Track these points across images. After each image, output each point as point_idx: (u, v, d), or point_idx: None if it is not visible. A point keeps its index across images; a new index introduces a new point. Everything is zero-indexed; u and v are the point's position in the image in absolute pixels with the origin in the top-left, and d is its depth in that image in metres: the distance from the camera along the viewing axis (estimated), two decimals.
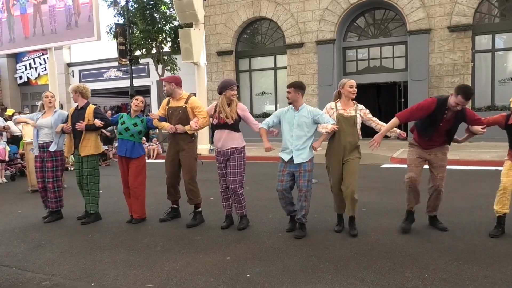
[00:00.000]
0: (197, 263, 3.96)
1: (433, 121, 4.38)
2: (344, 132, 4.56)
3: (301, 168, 4.57)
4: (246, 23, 16.65)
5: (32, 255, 4.34)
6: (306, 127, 4.56)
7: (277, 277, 3.55)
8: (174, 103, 5.23)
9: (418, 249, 4.08)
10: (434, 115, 4.35)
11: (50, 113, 5.76)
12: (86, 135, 5.43)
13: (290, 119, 4.63)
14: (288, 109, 4.74)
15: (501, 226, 4.45)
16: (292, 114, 4.64)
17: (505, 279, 3.36)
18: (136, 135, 5.32)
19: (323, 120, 4.54)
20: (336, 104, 4.70)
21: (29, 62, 23.27)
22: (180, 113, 5.13)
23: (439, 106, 4.33)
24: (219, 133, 4.93)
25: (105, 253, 4.32)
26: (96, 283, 3.57)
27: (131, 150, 5.29)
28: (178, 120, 5.12)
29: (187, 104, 5.15)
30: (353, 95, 4.64)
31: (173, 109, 5.20)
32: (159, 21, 16.33)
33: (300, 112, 4.61)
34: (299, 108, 4.64)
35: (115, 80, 21.25)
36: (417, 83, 13.49)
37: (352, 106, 4.66)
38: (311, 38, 15.35)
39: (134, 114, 5.40)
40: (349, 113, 4.61)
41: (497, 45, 13.33)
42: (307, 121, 4.56)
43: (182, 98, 5.22)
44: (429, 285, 3.30)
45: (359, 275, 3.53)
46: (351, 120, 4.58)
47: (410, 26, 13.79)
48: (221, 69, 17.02)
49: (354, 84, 4.66)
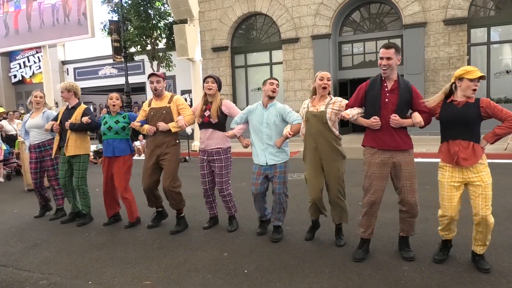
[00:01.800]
0: (195, 259, 3.95)
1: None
2: (314, 132, 4.04)
3: (276, 169, 4.31)
4: (241, 18, 16.60)
5: (29, 254, 4.32)
6: (276, 126, 4.28)
7: (275, 272, 3.55)
8: (157, 103, 4.87)
9: (415, 243, 4.09)
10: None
11: (38, 112, 5.66)
12: (71, 135, 5.23)
13: (259, 117, 4.35)
14: (257, 106, 4.45)
15: (448, 249, 3.77)
16: (261, 112, 4.37)
17: (502, 270, 3.38)
18: (120, 131, 5.07)
19: (290, 119, 4.23)
20: (309, 101, 4.20)
21: (23, 61, 23.16)
22: (163, 114, 4.77)
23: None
24: (203, 132, 4.72)
25: (102, 251, 4.31)
26: (93, 282, 3.56)
27: (118, 148, 5.05)
28: (161, 121, 4.75)
29: (171, 103, 4.82)
30: (324, 88, 4.05)
31: (155, 110, 4.83)
32: (154, 17, 16.28)
33: (269, 110, 4.34)
34: (268, 105, 4.36)
35: (110, 77, 21.20)
36: (413, 77, 13.49)
37: (324, 101, 4.07)
38: (307, 33, 15.32)
39: (114, 113, 5.16)
40: (318, 109, 4.05)
41: (493, 38, 13.35)
42: (276, 119, 4.28)
43: (166, 97, 4.90)
44: (426, 278, 3.32)
45: (356, 269, 3.54)
46: (319, 116, 4.01)
47: (405, 20, 13.78)
48: (217, 65, 16.98)
49: (326, 75, 4.06)
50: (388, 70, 3.61)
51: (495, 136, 3.44)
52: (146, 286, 3.42)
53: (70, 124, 5.19)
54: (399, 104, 3.60)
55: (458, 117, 3.41)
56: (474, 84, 3.40)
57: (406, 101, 3.63)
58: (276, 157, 4.31)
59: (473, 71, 3.40)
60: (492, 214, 3.39)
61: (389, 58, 3.59)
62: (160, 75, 4.88)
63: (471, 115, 3.40)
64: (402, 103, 3.61)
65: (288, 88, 15.76)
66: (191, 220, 5.17)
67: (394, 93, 3.63)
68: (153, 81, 4.80)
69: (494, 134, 3.44)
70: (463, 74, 3.42)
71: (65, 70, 22.62)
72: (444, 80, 13.31)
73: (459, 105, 3.45)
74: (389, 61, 3.58)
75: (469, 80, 3.39)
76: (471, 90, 3.41)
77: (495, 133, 3.44)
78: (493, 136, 3.45)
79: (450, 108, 3.49)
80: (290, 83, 15.70)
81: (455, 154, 3.42)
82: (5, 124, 10.74)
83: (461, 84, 3.44)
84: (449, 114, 3.47)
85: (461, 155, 3.39)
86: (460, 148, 3.42)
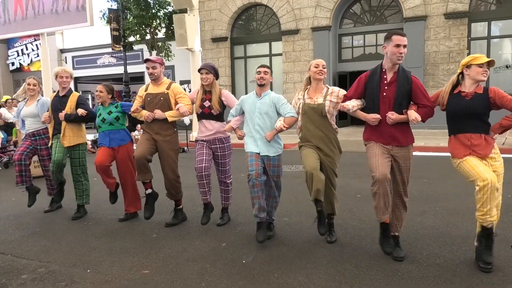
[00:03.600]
0: (193, 249, 3.97)
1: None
2: (313, 125, 3.86)
3: (269, 161, 4.13)
4: (241, 9, 16.49)
5: (27, 242, 4.33)
6: (269, 117, 4.08)
7: (273, 263, 3.57)
8: (154, 88, 4.72)
9: (412, 235, 4.11)
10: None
11: (33, 100, 5.52)
12: (68, 125, 5.12)
13: (252, 106, 4.15)
14: (250, 95, 4.26)
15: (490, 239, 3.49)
16: (254, 101, 4.17)
17: (498, 263, 3.40)
18: (114, 121, 4.97)
19: (284, 110, 4.04)
20: (305, 92, 4.01)
21: (21, 48, 23.01)
22: (161, 100, 4.62)
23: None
24: (202, 123, 4.58)
25: (101, 240, 4.32)
26: (92, 270, 3.58)
27: (114, 139, 4.96)
28: (158, 108, 4.61)
29: (169, 90, 4.67)
30: (320, 76, 3.84)
31: (152, 96, 4.67)
32: (153, 6, 16.18)
33: (263, 99, 4.13)
34: (262, 94, 4.16)
35: (109, 66, 21.09)
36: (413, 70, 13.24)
37: (321, 92, 3.91)
38: (307, 24, 15.25)
39: (106, 104, 5.05)
40: (315, 102, 3.88)
41: (493, 32, 13.31)
42: (269, 109, 4.08)
43: (164, 83, 4.74)
44: (423, 270, 3.34)
45: (354, 261, 3.56)
46: (318, 109, 3.84)
47: (406, 13, 13.72)
48: (216, 55, 16.91)
49: (321, 62, 3.87)
50: (403, 59, 3.49)
51: (501, 128, 3.42)
52: (145, 275, 3.44)
53: (65, 115, 5.06)
54: (397, 98, 3.47)
55: (468, 110, 3.34)
56: (483, 69, 3.32)
57: (405, 94, 3.49)
58: (269, 149, 4.10)
59: (481, 57, 3.34)
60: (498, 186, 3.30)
61: (405, 46, 3.45)
62: (156, 60, 4.67)
63: (481, 108, 3.33)
64: (400, 96, 3.47)
65: (287, 80, 15.72)
66: (189, 211, 5.18)
67: (393, 85, 3.50)
68: (148, 67, 4.65)
69: (500, 126, 3.42)
70: (470, 61, 3.36)
71: (63, 58, 22.49)
72: (444, 74, 13.30)
73: (467, 97, 3.36)
74: (405, 49, 3.44)
75: (477, 66, 3.32)
76: (481, 74, 3.32)
77: (501, 125, 3.41)
78: (499, 128, 3.42)
79: (458, 100, 3.40)
80: (290, 75, 15.65)
81: (468, 148, 3.37)
82: (4, 112, 10.68)
83: (469, 71, 3.37)
84: (458, 107, 3.38)
85: (475, 148, 3.35)
86: (471, 142, 3.36)
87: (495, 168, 3.40)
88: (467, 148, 3.37)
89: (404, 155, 3.57)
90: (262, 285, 3.18)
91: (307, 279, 3.25)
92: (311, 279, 3.24)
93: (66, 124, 5.13)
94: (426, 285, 3.09)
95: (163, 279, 3.35)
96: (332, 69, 15.07)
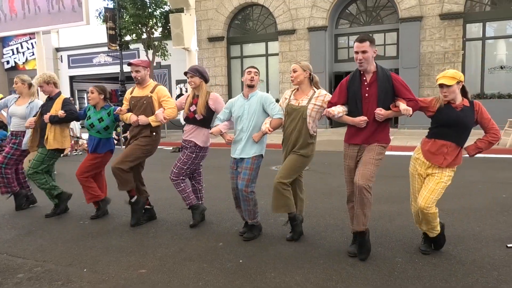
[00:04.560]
0: (190, 249, 3.97)
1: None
2: (292, 126, 3.89)
3: (243, 164, 4.03)
4: (238, 8, 16.49)
5: (23, 242, 4.31)
6: (257, 117, 4.01)
7: (270, 263, 3.58)
8: (139, 92, 4.66)
9: (408, 235, 4.14)
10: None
11: (24, 100, 5.39)
12: (50, 128, 5.00)
13: (240, 108, 4.08)
14: (238, 98, 4.19)
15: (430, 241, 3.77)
16: (242, 103, 4.10)
17: (493, 263, 3.43)
18: (102, 131, 4.87)
19: (272, 111, 3.98)
20: (292, 93, 4.03)
21: (16, 47, 22.90)
22: (144, 104, 4.55)
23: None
24: (187, 127, 4.55)
25: (97, 239, 4.31)
26: (88, 269, 3.57)
27: (97, 147, 4.89)
28: (142, 111, 4.55)
29: (153, 93, 4.59)
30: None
31: (136, 99, 4.61)
32: (150, 5, 16.13)
33: (250, 100, 4.06)
34: (249, 95, 4.09)
35: (105, 65, 21.02)
36: (408, 71, 13.53)
37: (307, 95, 3.91)
38: (303, 24, 15.27)
39: (99, 107, 4.93)
40: (299, 104, 3.88)
41: (488, 33, 13.40)
42: (258, 109, 4.02)
43: (149, 86, 4.66)
44: (419, 269, 3.36)
45: (350, 260, 3.58)
46: (299, 111, 3.84)
47: (402, 14, 13.78)
48: (212, 55, 16.89)
49: (293, 68, 3.94)
50: (364, 64, 3.50)
51: (477, 149, 3.50)
52: (141, 275, 3.43)
53: (50, 117, 4.95)
54: (379, 97, 3.50)
55: (458, 122, 3.40)
56: (443, 91, 3.40)
57: (387, 92, 3.51)
58: (245, 151, 4.04)
59: (437, 79, 3.46)
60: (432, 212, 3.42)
61: (364, 52, 3.47)
62: (139, 64, 4.59)
63: (470, 120, 3.42)
64: (382, 95, 3.50)
65: (283, 80, 15.73)
66: (186, 210, 5.18)
67: (373, 85, 3.54)
68: (132, 71, 4.57)
69: (476, 147, 3.51)
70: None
71: (59, 57, 22.40)
72: None
73: (457, 108, 3.42)
74: (364, 55, 3.47)
75: (439, 85, 3.43)
76: (442, 96, 3.43)
77: (477, 146, 3.51)
78: (475, 149, 3.51)
79: (450, 111, 3.44)
80: (286, 75, 15.67)
81: (442, 156, 3.44)
82: None
83: None
84: (449, 118, 3.42)
85: (448, 157, 3.43)
86: (448, 150, 3.43)
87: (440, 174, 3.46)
88: (441, 155, 3.45)
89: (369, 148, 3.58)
90: (259, 284, 3.19)
91: (304, 278, 3.26)
92: (308, 278, 3.25)
93: (50, 127, 4.99)
94: (422, 284, 3.11)
95: (160, 279, 3.34)
96: (328, 69, 15.11)
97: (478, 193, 5.77)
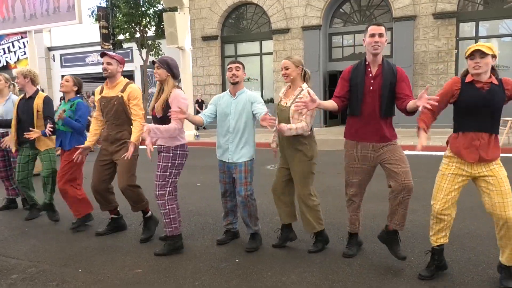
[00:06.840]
0: (186, 248, 3.95)
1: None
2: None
3: (236, 168, 3.76)
4: (232, 7, 16.48)
5: (17, 242, 4.27)
6: (246, 117, 3.72)
7: (266, 262, 3.57)
8: (108, 91, 4.17)
9: (404, 234, 4.14)
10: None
11: (1, 99, 5.20)
12: (38, 128, 4.75)
13: (226, 106, 3.77)
14: (224, 95, 3.87)
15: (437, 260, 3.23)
16: (229, 101, 3.79)
17: (488, 261, 3.45)
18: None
19: (255, 110, 3.67)
20: (285, 90, 3.83)
21: (8, 46, 22.69)
22: (115, 105, 4.08)
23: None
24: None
25: (92, 240, 4.28)
26: (83, 270, 3.54)
27: (65, 142, 4.51)
28: (113, 113, 4.08)
29: (124, 93, 4.11)
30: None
31: (106, 100, 4.13)
32: (143, 4, 16.07)
33: (238, 98, 3.76)
34: (237, 93, 3.79)
35: (98, 64, 20.90)
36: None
37: (294, 94, 3.67)
38: (297, 23, 15.29)
39: (67, 98, 4.55)
40: (286, 103, 3.69)
41: (480, 32, 13.50)
42: (246, 108, 3.72)
43: (119, 84, 4.18)
44: (414, 268, 3.37)
45: (346, 259, 3.58)
46: (285, 112, 3.64)
47: (395, 13, 13.83)
48: (206, 54, 16.86)
49: (283, 64, 3.67)
50: (379, 49, 3.27)
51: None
52: (137, 275, 3.41)
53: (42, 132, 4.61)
54: (383, 91, 3.31)
55: (485, 104, 2.86)
56: (474, 62, 2.83)
57: (391, 87, 3.34)
58: (236, 154, 3.76)
59: (469, 48, 2.88)
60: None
61: (381, 35, 3.26)
62: (114, 57, 4.14)
63: (499, 101, 2.87)
64: (386, 89, 3.32)
65: (278, 79, 15.74)
66: (181, 210, 5.15)
67: (378, 79, 3.34)
68: (103, 62, 4.10)
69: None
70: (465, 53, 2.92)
71: (51, 56, 22.24)
72: (433, 74, 13.44)
73: (483, 89, 2.87)
74: (381, 38, 3.26)
75: (468, 58, 2.89)
76: (472, 68, 2.85)
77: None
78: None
79: (474, 91, 2.90)
80: (280, 74, 15.66)
81: (476, 150, 2.92)
82: None
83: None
84: (474, 99, 2.89)
85: (482, 152, 2.91)
86: (481, 143, 2.91)
87: (492, 173, 2.93)
88: (474, 150, 2.93)
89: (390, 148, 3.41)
90: (256, 283, 3.18)
91: (300, 277, 3.26)
92: (304, 278, 3.25)
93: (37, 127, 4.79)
94: (418, 283, 3.12)
95: (155, 278, 3.33)
96: (322, 68, 15.14)
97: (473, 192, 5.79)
